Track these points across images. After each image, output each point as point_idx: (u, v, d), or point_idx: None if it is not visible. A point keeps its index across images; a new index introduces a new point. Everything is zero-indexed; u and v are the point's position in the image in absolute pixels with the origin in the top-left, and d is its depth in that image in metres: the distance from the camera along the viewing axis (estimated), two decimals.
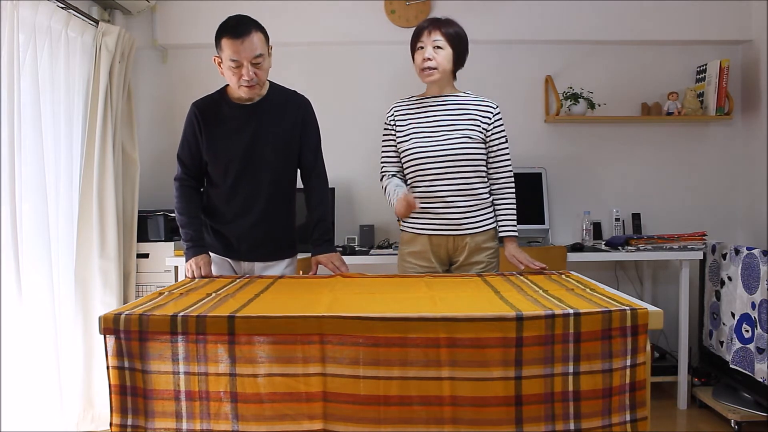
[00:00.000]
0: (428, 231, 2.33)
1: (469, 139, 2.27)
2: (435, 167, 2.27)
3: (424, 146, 2.29)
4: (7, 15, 2.41)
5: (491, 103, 2.35)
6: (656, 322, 1.50)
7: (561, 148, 3.71)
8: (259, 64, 2.14)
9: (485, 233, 2.32)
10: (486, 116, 2.31)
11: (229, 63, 2.11)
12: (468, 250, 2.31)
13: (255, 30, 2.12)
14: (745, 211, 3.69)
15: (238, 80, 2.14)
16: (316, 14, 3.58)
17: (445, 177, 2.27)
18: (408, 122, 2.35)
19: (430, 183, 2.29)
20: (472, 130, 2.29)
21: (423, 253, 2.34)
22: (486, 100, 2.35)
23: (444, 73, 2.31)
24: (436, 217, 2.31)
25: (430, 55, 2.27)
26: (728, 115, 3.53)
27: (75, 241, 3.00)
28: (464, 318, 1.47)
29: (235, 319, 1.49)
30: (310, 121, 2.34)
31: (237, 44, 2.08)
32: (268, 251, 2.33)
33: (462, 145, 2.26)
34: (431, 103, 2.35)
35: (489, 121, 2.31)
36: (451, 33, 2.30)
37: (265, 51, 2.15)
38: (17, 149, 2.47)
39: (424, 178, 2.29)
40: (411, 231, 2.37)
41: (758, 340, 2.82)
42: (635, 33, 3.60)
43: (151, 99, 3.69)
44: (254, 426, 1.49)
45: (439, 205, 2.29)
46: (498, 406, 1.47)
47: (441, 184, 2.28)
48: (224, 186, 2.26)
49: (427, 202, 2.30)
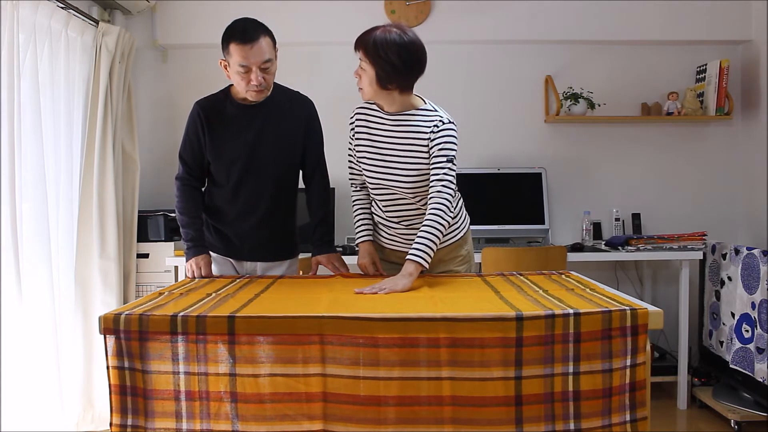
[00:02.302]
0: (391, 246, 2.27)
1: (417, 169, 2.09)
2: (387, 194, 2.17)
3: (375, 173, 2.15)
4: (7, 15, 2.41)
5: (440, 120, 2.08)
6: (656, 322, 1.51)
7: (561, 148, 3.71)
8: (267, 69, 2.13)
9: (448, 246, 2.23)
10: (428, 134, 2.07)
11: (237, 68, 2.10)
12: (433, 263, 2.14)
13: (263, 35, 2.10)
14: (745, 211, 3.69)
15: (246, 85, 2.13)
16: (316, 14, 3.58)
17: (397, 203, 2.17)
18: (364, 136, 2.19)
19: (385, 207, 2.20)
20: (420, 156, 2.09)
21: (387, 258, 2.30)
22: (437, 117, 2.09)
23: (372, 95, 2.08)
24: (396, 235, 2.24)
25: (356, 73, 2.10)
26: (728, 115, 3.53)
27: (75, 241, 3.00)
28: (464, 318, 1.47)
29: (235, 319, 1.49)
30: (313, 121, 2.34)
31: (246, 50, 2.07)
32: (271, 251, 2.33)
33: (409, 175, 2.10)
34: (385, 120, 2.15)
35: (434, 135, 2.07)
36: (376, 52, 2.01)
37: (273, 56, 2.14)
38: (17, 149, 2.46)
39: (379, 203, 2.21)
40: (379, 242, 2.31)
41: (758, 340, 2.82)
42: (635, 33, 3.60)
43: (151, 99, 3.69)
44: (254, 426, 1.49)
45: (396, 227, 2.22)
46: (498, 406, 1.47)
47: (395, 209, 2.19)
48: (227, 186, 2.26)
49: (386, 221, 2.23)
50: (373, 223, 2.31)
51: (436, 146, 2.07)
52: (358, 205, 2.33)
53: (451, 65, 3.68)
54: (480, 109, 3.72)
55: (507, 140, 3.70)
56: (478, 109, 3.71)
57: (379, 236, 2.30)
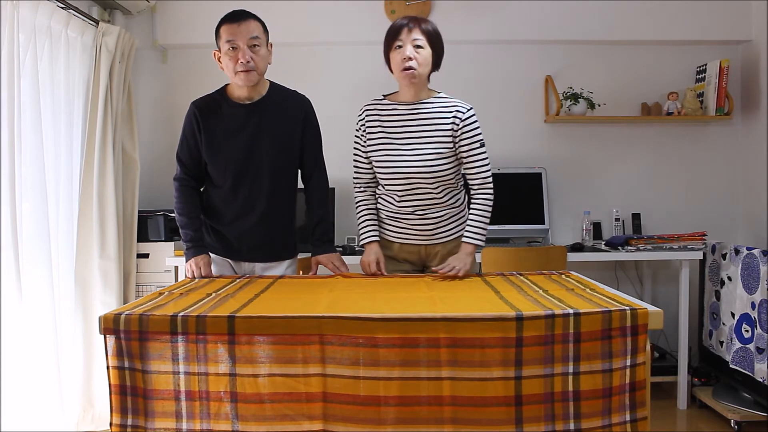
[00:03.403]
0: (400, 240, 2.30)
1: (439, 153, 2.17)
2: (404, 182, 2.20)
3: (393, 162, 2.20)
4: (7, 15, 2.41)
5: (462, 108, 2.21)
6: (656, 322, 1.51)
7: (561, 148, 3.71)
8: (256, 47, 2.15)
9: (457, 240, 2.26)
10: (455, 122, 2.19)
11: (225, 47, 2.13)
12: (440, 257, 2.26)
13: (252, 18, 2.17)
14: (745, 211, 3.69)
15: (235, 65, 2.14)
16: (316, 14, 3.58)
17: (415, 191, 2.21)
18: (378, 129, 2.25)
19: (400, 197, 2.24)
20: (442, 141, 2.18)
21: (396, 256, 2.32)
22: (457, 104, 2.22)
23: (423, 75, 2.19)
24: (408, 227, 2.27)
25: (411, 54, 2.12)
26: (728, 115, 3.53)
27: (75, 241, 3.00)
28: (464, 318, 1.47)
29: (235, 319, 1.49)
30: (310, 120, 2.34)
31: (234, 27, 2.12)
32: (269, 252, 2.33)
33: (431, 161, 2.16)
34: (402, 110, 2.23)
35: (457, 126, 2.18)
36: (431, 31, 2.16)
37: (262, 37, 2.18)
38: (17, 149, 2.46)
39: (394, 192, 2.24)
40: (384, 238, 2.33)
41: (758, 340, 2.82)
42: (635, 33, 3.60)
43: (151, 99, 3.69)
44: (254, 426, 1.49)
45: (409, 217, 2.25)
46: (498, 406, 1.47)
47: (410, 198, 2.23)
48: (224, 186, 2.26)
49: (398, 213, 2.27)
50: (379, 223, 2.33)
51: (466, 133, 2.20)
52: (363, 206, 2.34)
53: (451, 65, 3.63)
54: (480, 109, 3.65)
55: (507, 140, 3.70)
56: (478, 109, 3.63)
57: (388, 233, 2.32)
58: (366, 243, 2.29)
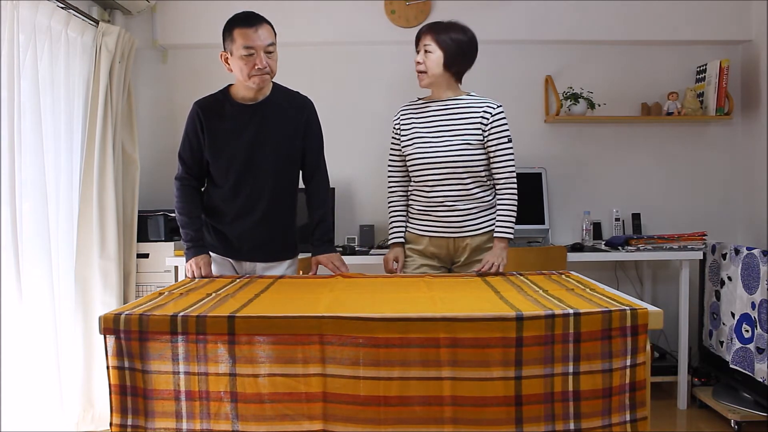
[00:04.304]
0: (429, 233, 2.39)
1: (468, 145, 2.30)
2: (435, 173, 2.33)
3: (425, 152, 2.34)
4: (7, 15, 2.41)
5: (492, 104, 2.36)
6: (656, 322, 1.51)
7: (561, 148, 3.71)
8: (271, 53, 2.16)
9: (486, 234, 2.36)
10: (485, 117, 2.32)
11: (242, 52, 2.12)
12: (469, 251, 2.36)
13: (266, 22, 2.18)
14: (745, 211, 3.69)
15: (250, 69, 2.14)
16: (317, 14, 3.58)
17: (445, 182, 2.33)
18: (411, 126, 2.41)
19: (431, 188, 2.35)
20: (472, 134, 2.32)
21: (424, 251, 2.41)
22: (486, 102, 2.37)
23: (435, 77, 2.34)
24: (437, 220, 2.37)
25: (420, 58, 2.34)
26: (728, 115, 3.53)
27: (75, 241, 3.00)
28: (464, 318, 1.47)
29: (235, 319, 1.49)
30: (313, 122, 2.35)
31: (251, 32, 2.11)
32: (270, 252, 2.33)
33: (461, 151, 2.30)
34: (433, 107, 2.39)
35: (486, 122, 2.32)
36: (443, 36, 2.32)
37: (275, 43, 2.19)
38: (17, 149, 2.46)
39: (425, 183, 2.36)
40: (414, 232, 2.44)
41: (758, 340, 2.82)
42: (635, 33, 3.60)
43: (151, 99, 3.69)
44: (254, 426, 1.49)
45: (439, 209, 2.35)
46: (498, 406, 1.47)
47: (441, 189, 2.33)
48: (226, 186, 2.26)
49: (428, 206, 2.37)
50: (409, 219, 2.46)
51: (494, 128, 2.31)
52: (394, 207, 2.49)
53: None
54: None
55: None
56: None
57: (418, 227, 2.42)
58: (393, 242, 2.48)
